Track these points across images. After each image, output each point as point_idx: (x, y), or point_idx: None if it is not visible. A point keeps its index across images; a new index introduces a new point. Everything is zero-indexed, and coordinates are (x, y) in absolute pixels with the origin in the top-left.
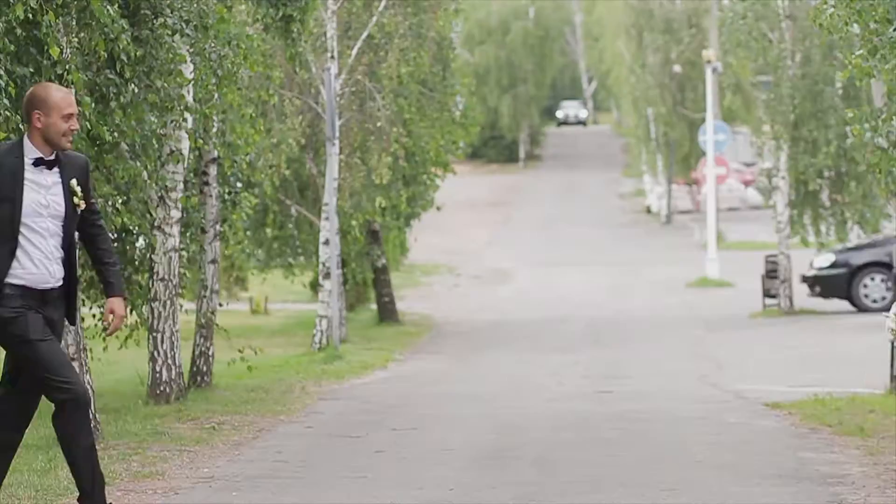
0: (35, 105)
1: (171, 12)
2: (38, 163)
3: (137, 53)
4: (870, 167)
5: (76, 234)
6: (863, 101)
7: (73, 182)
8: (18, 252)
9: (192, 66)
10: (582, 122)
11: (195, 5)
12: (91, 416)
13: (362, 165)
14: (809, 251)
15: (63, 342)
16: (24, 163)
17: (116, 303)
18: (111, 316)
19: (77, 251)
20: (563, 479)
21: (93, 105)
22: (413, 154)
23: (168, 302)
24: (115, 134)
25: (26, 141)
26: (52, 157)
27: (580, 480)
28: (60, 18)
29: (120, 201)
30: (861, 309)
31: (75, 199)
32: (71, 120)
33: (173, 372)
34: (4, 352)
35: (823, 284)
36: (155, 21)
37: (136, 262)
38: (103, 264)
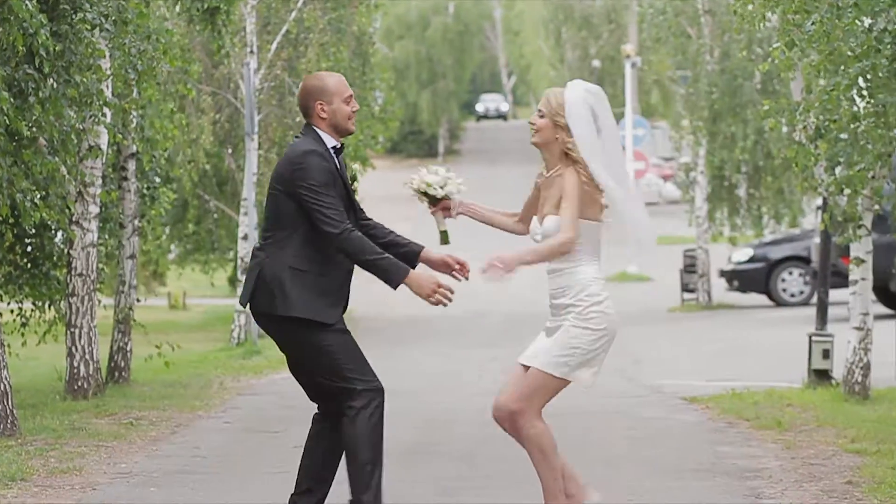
0: (315, 96)
1: (90, 7)
2: (336, 152)
3: (56, 48)
4: (785, 160)
5: None
6: (781, 96)
7: (354, 167)
8: None
9: (110, 61)
10: (503, 116)
11: (114, 0)
12: (9, 412)
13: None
14: (728, 245)
15: None
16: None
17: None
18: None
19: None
20: (485, 474)
21: (11, 100)
22: None
23: (86, 297)
24: (34, 129)
25: (320, 133)
26: (341, 145)
27: (502, 475)
28: None
29: (38, 196)
30: (779, 303)
31: (355, 185)
32: (351, 102)
33: (91, 367)
34: None
35: (741, 279)
36: (74, 16)
37: (55, 258)
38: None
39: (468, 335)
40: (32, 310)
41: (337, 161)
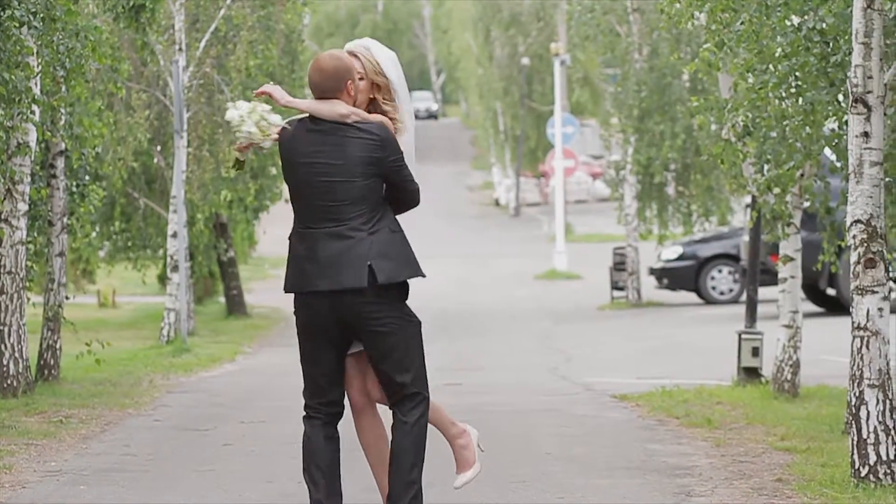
0: (349, 75)
1: (19, 4)
2: None
3: None
4: (711, 157)
5: None
6: (710, 94)
7: None
8: None
9: (39, 59)
10: (433, 116)
11: None
12: None
13: (210, 158)
14: (657, 243)
15: None
16: None
17: None
18: None
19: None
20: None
21: None
22: (261, 147)
23: (15, 295)
24: None
25: None
26: None
27: (427, 473)
28: None
29: None
30: (708, 301)
31: None
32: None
33: (20, 365)
34: None
35: (671, 276)
36: (2, 13)
37: None
38: None
39: None
40: None
41: None
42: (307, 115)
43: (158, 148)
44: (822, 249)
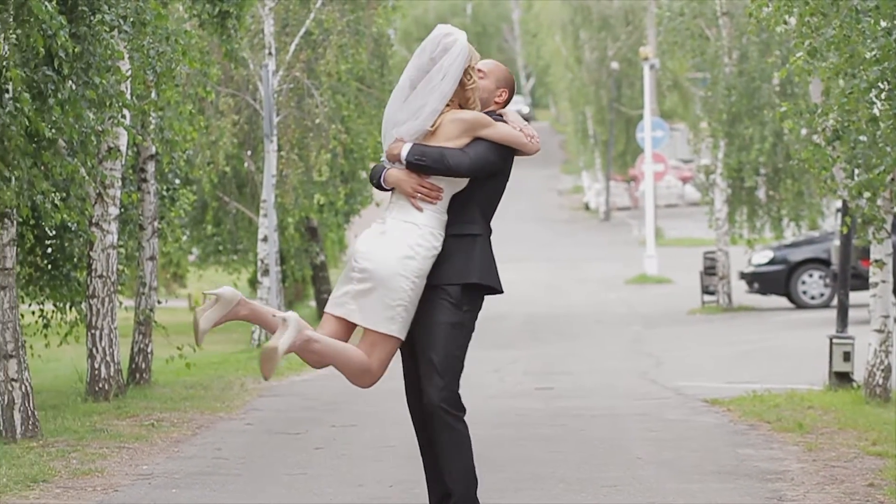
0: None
1: (109, 9)
2: None
3: (75, 50)
4: (801, 161)
5: None
6: (799, 98)
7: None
8: None
9: (129, 63)
10: (525, 119)
11: (132, 2)
12: (30, 413)
13: (300, 162)
14: (748, 248)
15: (2, 338)
16: None
17: None
18: None
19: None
20: (503, 476)
21: (31, 101)
22: (351, 151)
23: (106, 299)
24: (54, 130)
25: None
26: None
27: (521, 478)
28: None
29: (58, 198)
30: (799, 305)
31: None
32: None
33: (112, 369)
34: None
35: (762, 281)
36: (92, 17)
37: (75, 259)
38: None
39: (489, 337)
40: (53, 311)
41: None
42: None
43: (249, 152)
44: None
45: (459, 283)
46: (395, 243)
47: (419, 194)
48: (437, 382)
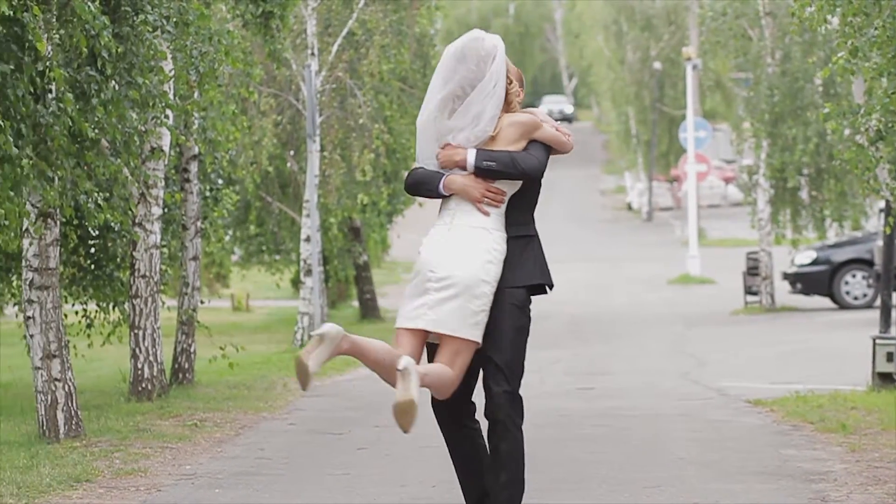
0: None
1: (152, 9)
2: None
3: (118, 50)
4: (844, 162)
5: None
6: (842, 98)
7: None
8: None
9: (172, 63)
10: (567, 119)
11: (175, 2)
12: (73, 413)
13: (343, 162)
14: (791, 248)
15: (45, 338)
16: None
17: None
18: None
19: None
20: (545, 477)
21: (74, 102)
22: (394, 151)
23: (149, 299)
24: (97, 130)
25: None
26: None
27: (563, 478)
28: (41, 15)
29: (102, 198)
30: (842, 306)
31: None
32: None
33: (155, 369)
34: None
35: (805, 281)
36: (135, 18)
37: (118, 260)
38: None
39: (531, 337)
40: (97, 311)
41: None
42: None
43: (292, 152)
44: None
45: (525, 286)
46: (471, 249)
47: (486, 199)
48: (506, 387)
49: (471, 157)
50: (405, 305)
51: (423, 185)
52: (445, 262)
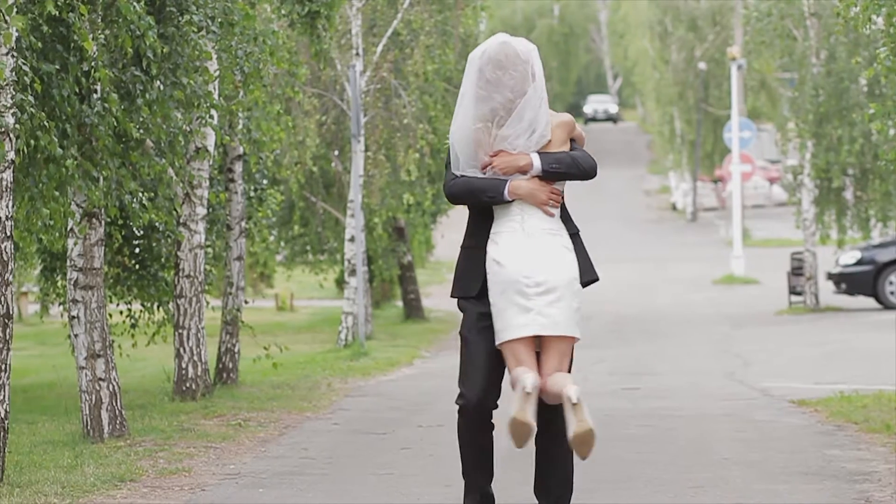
0: None
1: (197, 9)
2: None
3: (163, 50)
4: (889, 162)
5: None
6: (888, 98)
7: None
8: None
9: (217, 63)
10: (612, 119)
11: (220, 3)
12: (117, 412)
13: (387, 162)
14: (835, 248)
15: (90, 337)
16: None
17: None
18: None
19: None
20: (590, 477)
21: (119, 102)
22: (439, 151)
23: (194, 298)
24: (142, 131)
25: None
26: None
27: (607, 478)
28: (87, 15)
29: (146, 198)
30: (887, 306)
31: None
32: None
33: (199, 368)
34: None
35: (849, 281)
36: (181, 18)
37: (162, 259)
38: None
39: None
40: (141, 311)
41: None
42: None
43: (336, 152)
44: None
45: (584, 282)
46: (556, 250)
47: (552, 201)
48: None
49: (537, 161)
50: (502, 319)
51: (485, 193)
52: (538, 266)
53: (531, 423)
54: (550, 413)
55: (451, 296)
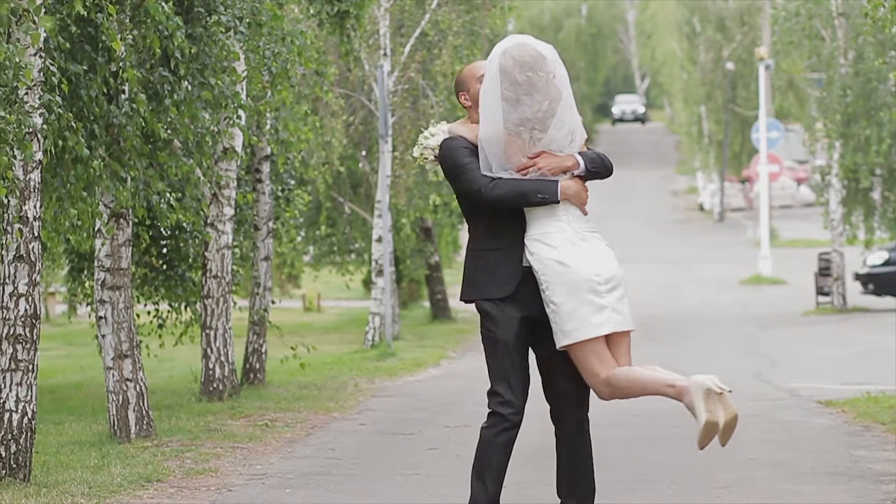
0: (457, 90)
1: (225, 10)
2: None
3: (191, 51)
4: None
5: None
6: None
7: None
8: None
9: (245, 64)
10: (640, 119)
11: (248, 3)
12: (144, 413)
13: (415, 163)
14: (863, 249)
15: (117, 338)
16: None
17: None
18: None
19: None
20: (615, 477)
21: (147, 102)
22: None
23: (221, 299)
24: (170, 131)
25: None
26: None
27: (633, 478)
28: (115, 16)
29: (174, 198)
30: None
31: None
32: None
33: (226, 369)
34: None
35: (877, 282)
36: (208, 18)
37: (190, 260)
38: None
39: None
40: (169, 311)
41: None
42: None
43: (363, 153)
44: None
45: None
46: (605, 247)
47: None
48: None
49: (582, 162)
50: (574, 318)
51: (536, 193)
52: (601, 264)
53: (717, 421)
54: (578, 413)
55: (467, 300)
